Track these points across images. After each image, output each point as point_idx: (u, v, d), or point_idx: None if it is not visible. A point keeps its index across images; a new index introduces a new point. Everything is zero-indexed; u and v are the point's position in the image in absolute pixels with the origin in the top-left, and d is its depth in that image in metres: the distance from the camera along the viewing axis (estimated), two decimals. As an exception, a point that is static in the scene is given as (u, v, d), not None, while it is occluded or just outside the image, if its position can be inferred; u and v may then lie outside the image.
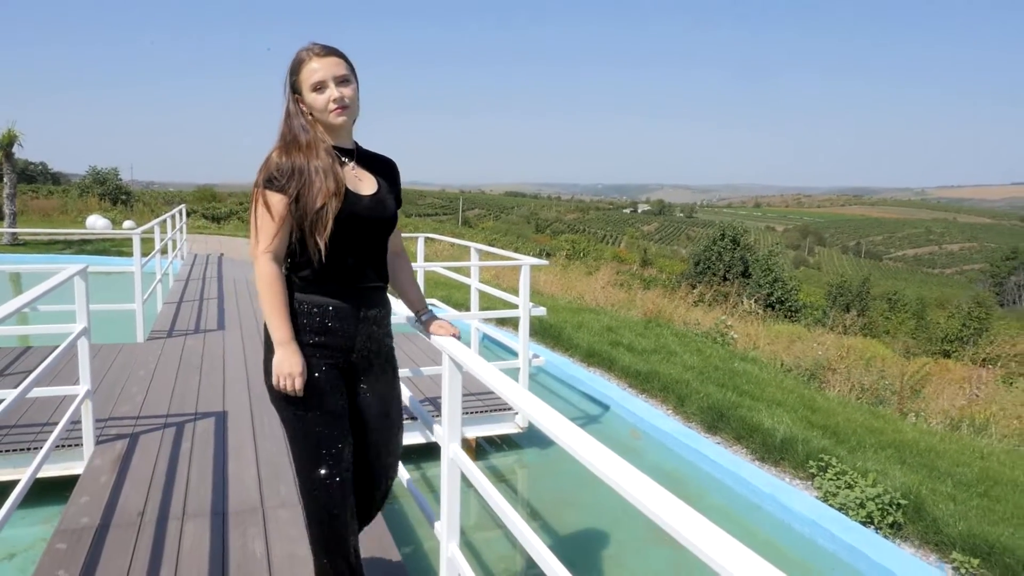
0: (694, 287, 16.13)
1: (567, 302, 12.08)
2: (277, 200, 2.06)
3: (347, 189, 2.11)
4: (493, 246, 7.51)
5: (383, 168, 2.29)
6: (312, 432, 2.15)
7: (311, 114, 2.11)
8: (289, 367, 2.09)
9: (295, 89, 2.12)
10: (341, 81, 2.08)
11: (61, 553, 2.91)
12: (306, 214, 2.04)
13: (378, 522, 3.08)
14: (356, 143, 2.25)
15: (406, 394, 3.00)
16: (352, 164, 2.19)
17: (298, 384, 2.09)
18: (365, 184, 2.19)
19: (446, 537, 2.40)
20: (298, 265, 2.13)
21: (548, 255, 28.82)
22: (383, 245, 2.25)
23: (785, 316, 22.43)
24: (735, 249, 27.81)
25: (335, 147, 2.15)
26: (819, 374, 8.48)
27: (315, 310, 2.15)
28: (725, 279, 24.74)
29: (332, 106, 2.07)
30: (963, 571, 3.64)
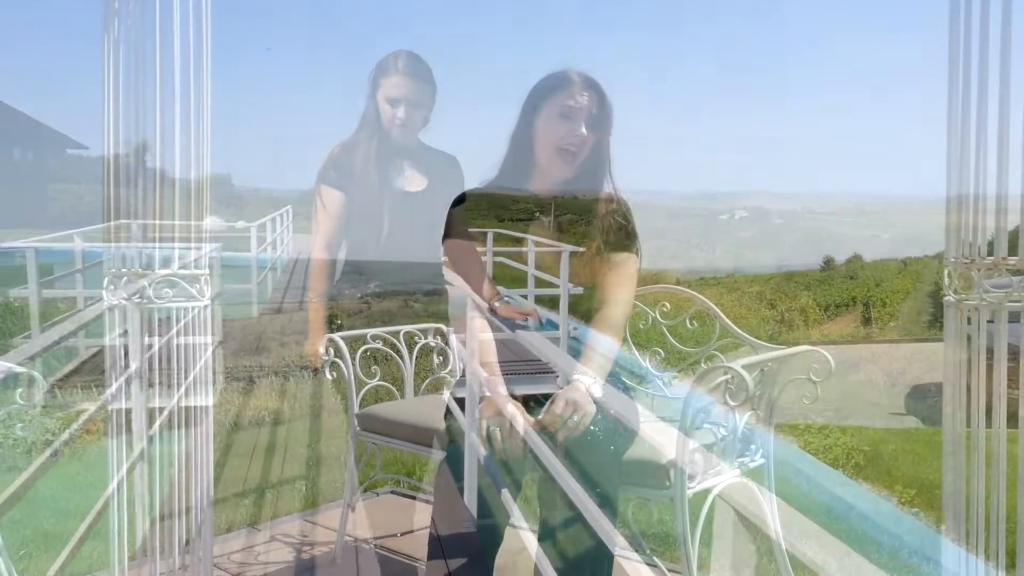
0: (752, 285, 16.62)
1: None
2: (329, 194, 2.19)
3: (394, 187, 2.23)
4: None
5: (438, 167, 2.32)
6: None
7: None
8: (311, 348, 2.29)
9: (376, 87, 2.19)
10: (414, 104, 2.19)
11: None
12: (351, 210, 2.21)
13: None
14: (419, 140, 2.30)
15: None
16: (406, 163, 2.26)
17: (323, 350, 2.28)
18: (413, 183, 2.27)
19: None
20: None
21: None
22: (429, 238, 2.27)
23: (864, 320, 22.34)
24: (819, 256, 27.80)
25: (395, 145, 2.23)
26: (859, 364, 9.08)
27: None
28: (807, 287, 24.78)
29: (396, 121, 2.18)
30: (902, 500, 4.42)
